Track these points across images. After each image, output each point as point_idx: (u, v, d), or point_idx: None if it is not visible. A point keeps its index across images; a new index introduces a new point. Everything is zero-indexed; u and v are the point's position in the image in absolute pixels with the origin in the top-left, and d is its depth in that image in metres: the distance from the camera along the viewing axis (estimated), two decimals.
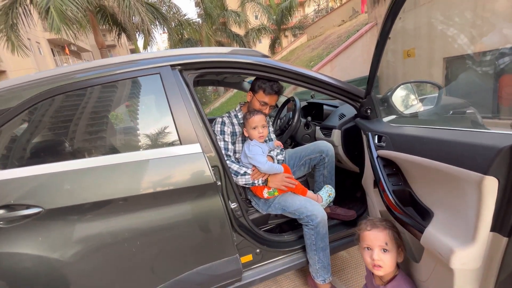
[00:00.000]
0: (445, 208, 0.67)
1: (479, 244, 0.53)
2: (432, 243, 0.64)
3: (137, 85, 1.20)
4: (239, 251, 1.30)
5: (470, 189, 0.53)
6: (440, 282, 0.66)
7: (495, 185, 0.48)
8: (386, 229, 0.82)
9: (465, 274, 0.57)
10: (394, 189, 0.91)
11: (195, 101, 1.20)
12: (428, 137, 0.72)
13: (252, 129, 1.39)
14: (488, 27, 2.98)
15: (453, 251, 0.56)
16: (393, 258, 0.79)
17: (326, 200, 1.48)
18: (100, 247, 1.03)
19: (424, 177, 0.77)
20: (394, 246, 0.79)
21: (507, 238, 0.49)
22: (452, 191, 0.62)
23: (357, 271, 1.69)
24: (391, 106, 1.25)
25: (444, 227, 0.64)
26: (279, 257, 1.42)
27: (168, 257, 1.15)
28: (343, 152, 1.58)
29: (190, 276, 1.18)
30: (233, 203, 1.28)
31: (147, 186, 1.09)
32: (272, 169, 1.37)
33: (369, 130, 1.17)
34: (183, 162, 1.13)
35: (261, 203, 1.47)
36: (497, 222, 0.50)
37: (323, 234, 1.35)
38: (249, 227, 1.34)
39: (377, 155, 1.05)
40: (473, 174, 0.52)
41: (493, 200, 0.49)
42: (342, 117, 1.63)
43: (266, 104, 1.46)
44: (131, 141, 1.21)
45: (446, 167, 0.60)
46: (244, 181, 1.37)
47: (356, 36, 7.09)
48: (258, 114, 1.40)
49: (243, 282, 1.32)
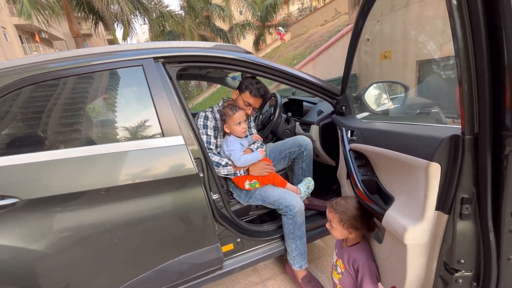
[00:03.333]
0: (403, 194, 0.76)
1: (426, 221, 0.62)
2: (390, 224, 0.73)
3: (119, 76, 1.19)
4: (221, 240, 1.35)
5: (421, 174, 0.62)
6: (396, 258, 0.75)
7: (438, 169, 0.57)
8: (333, 213, 1.00)
9: (415, 248, 0.67)
10: (363, 178, 1.01)
11: (178, 94, 1.22)
12: (391, 131, 0.81)
13: (236, 125, 1.43)
14: None
15: (406, 228, 0.65)
16: (336, 232, 1.02)
17: (305, 192, 1.57)
18: (80, 238, 1.03)
19: (387, 167, 0.87)
20: (338, 225, 0.99)
21: (447, 215, 0.58)
22: (408, 178, 0.70)
23: (332, 258, 1.80)
24: (364, 104, 1.35)
25: (401, 210, 0.73)
26: (259, 246, 1.48)
27: (150, 246, 1.17)
28: (320, 147, 1.67)
29: (172, 265, 1.21)
30: (215, 194, 1.32)
31: (130, 177, 1.10)
32: (248, 161, 1.42)
33: (343, 125, 1.26)
34: (166, 153, 1.15)
35: (243, 195, 1.52)
36: (440, 202, 0.59)
37: (300, 223, 1.44)
38: (231, 218, 1.39)
39: (349, 148, 1.13)
40: (422, 161, 0.60)
41: (436, 182, 0.58)
42: (320, 113, 1.72)
43: (250, 105, 1.50)
44: (113, 132, 1.21)
45: (404, 157, 0.69)
46: (226, 171, 1.41)
47: (337, 37, 7.31)
48: (239, 110, 1.44)
49: (224, 270, 1.38)
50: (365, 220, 0.96)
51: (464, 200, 0.55)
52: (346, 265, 1.04)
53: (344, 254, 1.06)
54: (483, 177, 0.50)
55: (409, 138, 0.69)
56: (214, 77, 2.54)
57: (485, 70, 0.46)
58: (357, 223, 0.96)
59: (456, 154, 0.53)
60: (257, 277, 1.73)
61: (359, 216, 0.96)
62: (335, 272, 1.12)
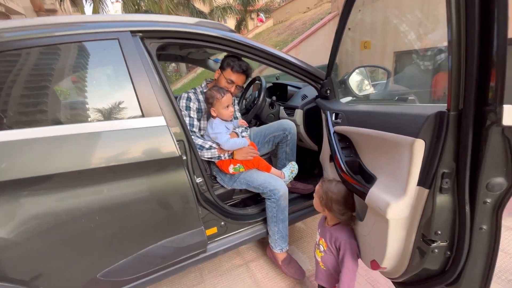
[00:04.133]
0: (385, 172, 0.79)
1: (408, 196, 0.65)
2: (373, 200, 0.76)
3: (91, 50, 1.09)
4: (204, 224, 1.34)
5: (405, 151, 0.64)
6: (377, 234, 0.79)
7: (422, 146, 0.59)
8: (319, 187, 1.07)
9: (396, 223, 0.70)
10: (346, 160, 1.03)
11: (159, 72, 1.15)
12: (376, 112, 0.83)
13: (224, 109, 1.39)
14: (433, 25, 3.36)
15: (389, 204, 0.68)
16: (315, 203, 1.10)
17: (289, 176, 1.58)
18: (51, 224, 0.96)
19: (371, 148, 0.89)
20: (317, 199, 1.07)
21: (428, 190, 0.61)
22: (392, 156, 0.73)
23: (313, 239, 1.87)
24: (348, 88, 1.37)
25: (384, 187, 0.76)
26: (242, 229, 1.50)
27: (131, 231, 1.13)
28: (304, 131, 1.69)
29: (154, 249, 1.18)
30: (199, 178, 1.30)
31: (107, 159, 1.03)
32: (235, 145, 1.40)
33: (328, 109, 1.28)
34: (147, 135, 1.09)
35: (227, 179, 1.51)
36: (422, 178, 0.62)
37: (283, 207, 1.46)
38: (214, 201, 1.37)
39: (333, 131, 1.15)
40: (407, 138, 0.62)
41: (420, 158, 0.60)
42: (305, 98, 1.72)
43: (232, 82, 1.45)
44: (85, 112, 1.11)
45: (389, 135, 0.71)
46: (209, 155, 1.38)
47: (319, 25, 7.31)
48: (227, 93, 1.40)
49: (208, 253, 1.37)
50: (342, 209, 1.01)
51: (444, 175, 0.58)
52: (328, 244, 1.08)
53: (326, 233, 1.10)
54: (463, 151, 0.53)
55: (394, 117, 0.71)
56: (196, 59, 2.44)
57: (475, 53, 0.48)
58: (333, 207, 1.01)
59: (440, 130, 0.55)
60: (240, 259, 1.76)
61: (337, 202, 1.00)
62: (317, 251, 1.16)
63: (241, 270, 1.66)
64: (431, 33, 2.99)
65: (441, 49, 2.24)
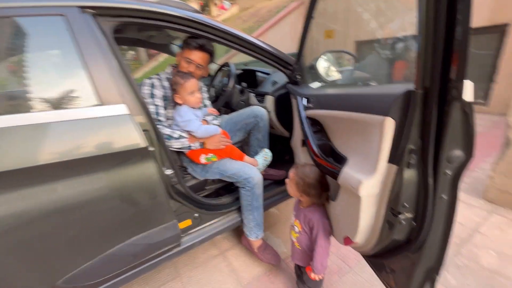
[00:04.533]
0: (356, 153, 0.82)
1: (379, 173, 0.69)
2: (346, 179, 0.79)
3: (28, 28, 0.93)
4: (177, 217, 1.28)
5: (375, 130, 0.67)
6: (350, 211, 0.83)
7: (392, 124, 0.62)
8: (294, 174, 1.07)
9: (368, 199, 0.74)
10: (318, 143, 1.06)
11: (117, 55, 1.03)
12: (347, 94, 0.85)
13: (189, 95, 1.30)
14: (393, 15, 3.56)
15: (361, 182, 0.71)
16: (290, 190, 1.10)
17: (263, 163, 1.58)
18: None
19: (342, 130, 0.92)
20: (293, 186, 1.08)
21: (397, 166, 0.65)
22: (363, 136, 0.76)
23: (286, 224, 1.92)
24: (316, 73, 1.39)
25: (355, 167, 0.79)
26: (217, 219, 1.47)
27: (95, 231, 1.03)
28: (275, 117, 1.69)
29: (123, 248, 1.10)
30: (168, 170, 1.22)
31: (61, 153, 0.91)
32: (208, 132, 1.35)
33: (299, 94, 1.28)
34: (107, 125, 0.99)
35: (199, 169, 1.45)
36: (391, 155, 0.66)
37: (258, 194, 1.46)
38: (187, 193, 1.32)
39: (305, 115, 1.17)
40: (378, 117, 0.65)
41: (390, 136, 0.63)
42: (275, 84, 1.72)
43: (191, 62, 1.36)
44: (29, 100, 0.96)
45: (360, 116, 0.73)
46: (179, 145, 1.31)
47: (284, 13, 7.30)
48: (191, 77, 1.31)
49: (183, 246, 1.33)
50: (318, 192, 1.04)
51: (411, 151, 0.62)
52: (302, 225, 1.12)
53: (301, 215, 1.13)
54: (429, 128, 0.57)
55: (364, 98, 0.74)
56: (157, 44, 2.27)
57: (441, 36, 0.50)
58: (310, 191, 1.04)
59: (408, 108, 0.58)
60: (216, 249, 1.74)
61: (314, 186, 1.03)
62: (293, 232, 1.19)
63: (217, 260, 1.65)
64: (391, 22, 3.18)
65: (399, 38, 2.40)
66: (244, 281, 1.48)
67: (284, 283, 1.44)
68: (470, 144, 0.56)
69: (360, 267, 1.48)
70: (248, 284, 1.46)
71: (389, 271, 0.88)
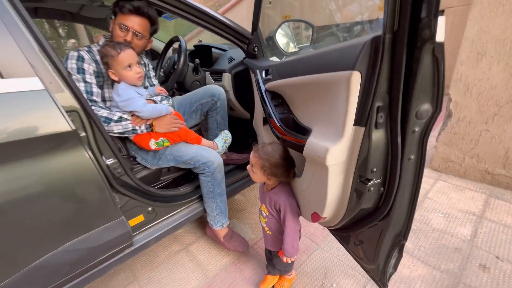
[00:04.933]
0: (320, 120, 0.75)
1: (346, 138, 0.63)
2: (312, 150, 0.72)
3: None
4: (126, 213, 1.10)
5: (340, 89, 0.60)
6: (317, 184, 0.77)
7: (358, 78, 0.55)
8: (257, 158, 0.95)
9: (335, 168, 0.68)
10: (281, 117, 0.97)
11: (25, 20, 0.79)
12: (308, 56, 0.77)
13: (125, 70, 1.09)
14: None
15: (328, 149, 0.64)
16: (256, 177, 0.99)
17: (222, 146, 1.46)
18: None
19: (304, 99, 0.84)
20: (259, 170, 0.96)
21: (364, 128, 0.59)
22: (327, 100, 0.69)
23: (254, 209, 1.85)
24: (275, 46, 1.29)
25: (320, 135, 0.72)
26: (176, 211, 1.32)
27: (11, 241, 0.81)
28: (234, 97, 1.56)
29: (55, 257, 0.90)
30: (110, 159, 1.03)
31: None
32: (156, 111, 1.16)
33: (257, 67, 1.18)
34: (11, 103, 0.76)
35: (149, 157, 1.27)
36: (358, 116, 0.60)
37: (219, 180, 1.35)
38: (136, 185, 1.14)
39: (265, 89, 1.07)
40: (343, 73, 0.58)
41: (356, 93, 0.57)
42: (232, 60, 1.58)
43: (127, 28, 1.14)
44: None
45: (323, 76, 0.66)
46: (120, 128, 1.11)
47: None
48: (126, 48, 1.09)
49: (136, 246, 1.16)
50: (286, 169, 0.96)
51: (379, 109, 0.56)
52: (268, 208, 1.04)
53: (266, 198, 1.05)
54: (397, 78, 0.51)
55: (328, 55, 0.66)
56: (92, 18, 1.93)
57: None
58: (278, 171, 0.95)
59: (376, 56, 0.52)
60: (178, 244, 1.60)
61: (281, 165, 0.94)
62: (261, 217, 1.12)
63: (180, 256, 1.51)
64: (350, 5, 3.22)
65: (358, 22, 2.43)
66: (211, 274, 1.37)
67: (253, 269, 1.38)
68: (439, 95, 0.52)
69: (327, 243, 1.48)
70: (215, 276, 1.36)
71: (358, 243, 0.86)
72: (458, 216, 1.59)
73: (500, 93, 1.61)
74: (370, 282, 1.24)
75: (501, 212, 1.58)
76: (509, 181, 1.74)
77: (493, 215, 1.57)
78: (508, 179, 1.74)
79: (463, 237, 1.44)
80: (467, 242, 1.40)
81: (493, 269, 1.25)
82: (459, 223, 1.54)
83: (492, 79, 1.62)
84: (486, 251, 1.34)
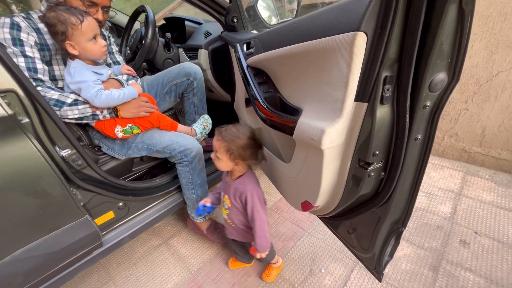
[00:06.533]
0: (313, 99, 0.65)
1: (345, 117, 0.54)
2: (305, 132, 0.62)
3: None
4: (92, 210, 0.96)
5: (339, 58, 0.50)
6: (310, 170, 0.68)
7: (363, 41, 0.45)
8: (221, 141, 0.85)
9: (332, 152, 0.59)
10: (265, 96, 0.86)
11: None
12: (300, 20, 0.65)
13: (89, 42, 0.90)
14: None
15: (324, 130, 0.55)
16: (221, 164, 0.88)
17: (201, 132, 1.32)
18: None
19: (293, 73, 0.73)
20: (224, 155, 0.86)
21: (367, 104, 0.50)
22: (322, 73, 0.58)
23: None
24: (257, 16, 1.15)
25: (314, 115, 0.63)
26: (152, 205, 1.20)
27: None
28: (212, 77, 1.41)
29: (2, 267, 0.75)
30: (65, 149, 0.87)
31: None
32: (114, 99, 0.96)
33: (237, 40, 1.04)
34: None
35: (117, 146, 1.11)
36: (360, 90, 0.50)
37: (199, 169, 1.23)
38: (102, 179, 0.99)
39: (246, 65, 0.94)
40: (344, 36, 0.47)
41: (360, 61, 0.47)
42: (208, 35, 1.41)
43: (94, 3, 0.96)
44: None
45: (318, 43, 0.55)
46: (77, 114, 0.93)
47: None
48: (87, 15, 0.90)
49: (106, 246, 1.03)
50: (254, 151, 0.87)
51: (386, 80, 0.47)
52: (232, 200, 0.95)
53: (230, 189, 0.95)
54: (413, 41, 0.41)
55: (325, 15, 0.54)
56: None
57: None
58: (246, 153, 0.85)
59: (387, 13, 0.41)
60: (157, 239, 1.48)
61: (249, 145, 0.85)
62: (223, 209, 1.03)
63: (160, 250, 1.40)
64: None
65: None
66: (194, 268, 1.29)
67: None
68: (458, 60, 0.43)
69: (313, 228, 1.45)
70: (198, 270, 1.27)
71: (351, 231, 0.80)
72: (438, 194, 1.62)
73: (481, 72, 1.61)
74: (358, 265, 1.23)
75: (477, 189, 1.64)
76: (484, 158, 1.80)
77: (470, 192, 1.62)
78: (483, 157, 1.79)
79: (444, 215, 1.46)
80: (448, 219, 1.43)
81: (473, 244, 1.28)
82: (439, 201, 1.57)
83: (474, 57, 1.61)
84: (465, 227, 1.37)
